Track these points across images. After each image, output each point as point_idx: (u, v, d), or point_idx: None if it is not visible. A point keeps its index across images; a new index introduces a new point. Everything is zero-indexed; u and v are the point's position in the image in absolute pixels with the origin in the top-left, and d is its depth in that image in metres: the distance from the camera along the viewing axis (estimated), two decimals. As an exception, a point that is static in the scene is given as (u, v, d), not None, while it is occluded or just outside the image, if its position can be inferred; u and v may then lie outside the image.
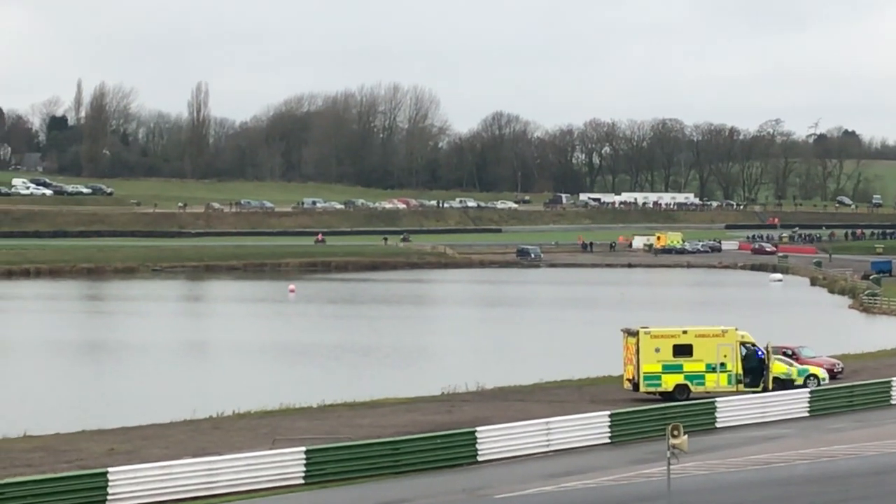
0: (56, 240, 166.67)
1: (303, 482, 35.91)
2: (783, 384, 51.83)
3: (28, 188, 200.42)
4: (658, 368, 50.73)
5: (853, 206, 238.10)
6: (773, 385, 51.17)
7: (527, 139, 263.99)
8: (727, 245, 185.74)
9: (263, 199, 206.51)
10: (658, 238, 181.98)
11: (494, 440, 39.43)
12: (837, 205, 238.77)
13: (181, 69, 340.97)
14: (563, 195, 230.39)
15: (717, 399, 46.32)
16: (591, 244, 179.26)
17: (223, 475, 34.93)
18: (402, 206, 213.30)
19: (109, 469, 33.97)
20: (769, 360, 51.65)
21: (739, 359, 51.19)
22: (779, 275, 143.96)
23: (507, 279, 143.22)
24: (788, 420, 46.42)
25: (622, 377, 52.68)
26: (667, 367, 50.73)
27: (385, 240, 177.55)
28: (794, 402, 47.73)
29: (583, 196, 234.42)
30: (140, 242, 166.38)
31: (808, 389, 49.68)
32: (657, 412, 43.34)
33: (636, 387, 51.16)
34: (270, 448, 38.69)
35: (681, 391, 50.57)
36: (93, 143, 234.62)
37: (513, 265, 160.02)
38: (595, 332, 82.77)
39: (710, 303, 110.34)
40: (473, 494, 34.19)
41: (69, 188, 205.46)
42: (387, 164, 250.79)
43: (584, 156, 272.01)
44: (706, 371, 50.95)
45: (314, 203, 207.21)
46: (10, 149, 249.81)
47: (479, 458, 38.81)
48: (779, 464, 36.77)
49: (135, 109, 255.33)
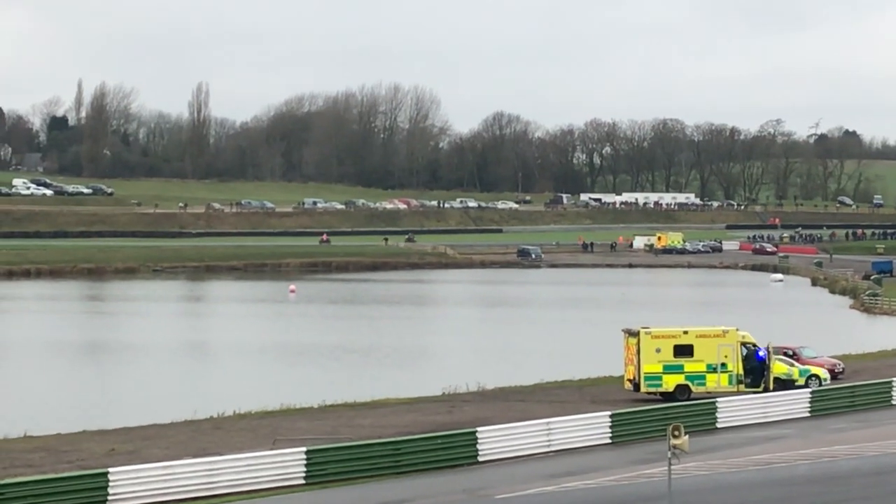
0: (57, 240, 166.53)
1: (304, 482, 35.93)
2: (784, 384, 51.83)
3: (29, 188, 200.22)
4: (659, 369, 50.73)
5: (854, 207, 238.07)
6: (774, 385, 51.17)
7: (527, 139, 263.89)
8: (728, 245, 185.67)
9: (264, 200, 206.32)
10: (659, 238, 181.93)
11: (495, 440, 39.44)
12: (838, 205, 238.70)
13: (182, 69, 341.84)
14: (564, 195, 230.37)
15: (718, 399, 46.32)
16: (592, 244, 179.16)
17: (224, 475, 34.96)
18: (403, 207, 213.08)
19: (110, 469, 33.99)
20: (770, 361, 51.65)
21: (740, 359, 51.21)
22: (780, 275, 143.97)
23: (508, 279, 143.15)
24: (789, 420, 46.43)
25: (623, 377, 52.69)
26: (668, 368, 50.73)
27: (386, 240, 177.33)
28: (795, 403, 47.74)
29: (583, 196, 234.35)
30: (141, 243, 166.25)
31: (810, 390, 49.68)
32: (658, 412, 43.35)
33: (637, 387, 51.16)
34: (271, 448, 38.71)
35: (682, 391, 50.58)
36: (93, 144, 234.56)
37: (513, 265, 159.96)
38: (596, 333, 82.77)
39: (711, 303, 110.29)
40: (474, 495, 34.17)
41: (70, 188, 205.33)
42: (387, 165, 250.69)
43: (585, 156, 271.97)
44: (707, 371, 50.95)
45: (315, 203, 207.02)
46: (11, 149, 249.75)
47: (480, 459, 38.81)
48: (780, 464, 36.76)
49: (135, 109, 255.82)
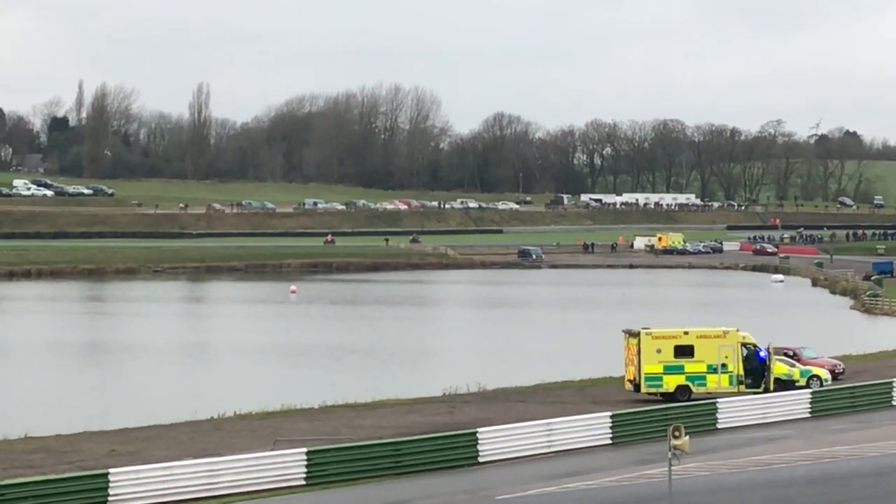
0: (57, 241, 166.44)
1: (304, 483, 35.93)
2: (784, 385, 51.83)
3: (29, 189, 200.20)
4: (659, 369, 50.73)
5: (854, 207, 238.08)
6: (775, 386, 51.16)
7: (528, 140, 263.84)
8: (728, 246, 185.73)
9: (265, 200, 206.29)
10: (659, 239, 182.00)
11: (496, 441, 39.42)
12: (839, 205, 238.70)
13: (182, 70, 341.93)
14: (565, 196, 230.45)
15: (719, 400, 46.30)
16: (593, 245, 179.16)
17: (224, 476, 34.96)
18: (404, 207, 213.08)
19: (110, 470, 34.00)
20: (771, 361, 51.65)
21: (741, 360, 51.21)
22: (780, 276, 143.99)
23: (509, 280, 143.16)
24: (790, 421, 46.41)
25: (623, 378, 52.70)
26: (668, 368, 50.73)
27: (386, 240, 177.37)
28: (796, 403, 47.72)
29: (584, 197, 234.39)
30: (141, 243, 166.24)
31: (810, 390, 49.67)
32: (658, 413, 43.35)
33: (637, 388, 51.16)
34: (272, 449, 38.70)
35: (682, 392, 50.58)
36: (94, 144, 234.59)
37: (514, 266, 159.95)
38: (596, 333, 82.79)
39: (712, 304, 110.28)
40: (475, 495, 34.16)
41: (70, 189, 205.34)
42: (388, 165, 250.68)
43: (586, 156, 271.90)
44: (707, 372, 50.95)
45: (315, 204, 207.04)
46: (12, 150, 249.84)
47: (481, 459, 38.81)
48: (780, 465, 36.76)
49: (136, 110, 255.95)
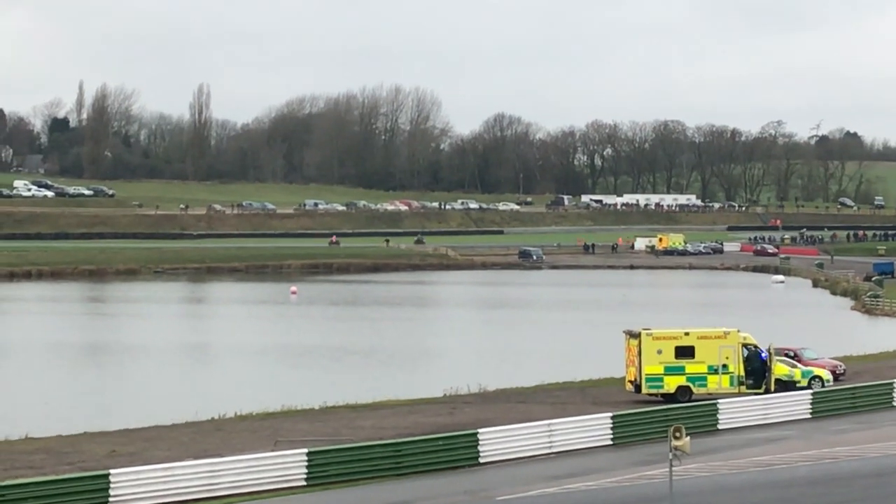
0: (58, 242, 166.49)
1: (305, 484, 35.92)
2: (785, 386, 51.81)
3: (30, 190, 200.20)
4: (660, 370, 50.70)
5: (855, 208, 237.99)
6: (775, 387, 51.13)
7: (528, 141, 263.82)
8: (729, 247, 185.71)
9: (265, 201, 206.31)
10: (660, 239, 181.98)
11: (496, 442, 39.41)
12: (839, 206, 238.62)
13: (183, 71, 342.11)
14: (565, 197, 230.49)
15: (719, 401, 46.27)
16: (593, 246, 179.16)
17: (225, 477, 34.95)
18: (404, 208, 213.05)
19: (111, 471, 34.00)
20: (771, 362, 51.63)
21: (741, 360, 51.19)
22: (781, 276, 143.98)
23: (509, 281, 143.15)
24: (790, 422, 46.38)
25: (624, 379, 52.68)
26: (669, 369, 50.70)
27: (387, 241, 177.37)
28: (797, 404, 47.68)
29: (585, 197, 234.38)
30: (142, 244, 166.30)
31: (811, 391, 49.64)
32: (659, 414, 43.34)
33: (638, 388, 51.13)
34: (272, 450, 38.70)
35: (683, 393, 50.54)
36: (94, 145, 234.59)
37: (515, 267, 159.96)
38: (597, 334, 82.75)
39: (713, 304, 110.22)
40: (476, 496, 34.15)
41: (71, 190, 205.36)
42: (388, 166, 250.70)
43: (586, 157, 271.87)
44: (708, 373, 50.92)
45: (316, 205, 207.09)
46: (12, 150, 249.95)
47: (481, 460, 38.79)
48: (781, 465, 36.75)
49: (136, 111, 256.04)
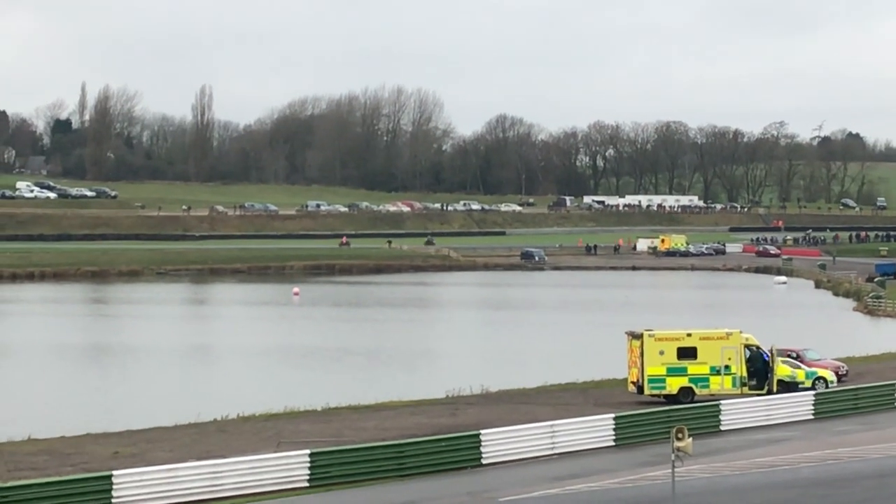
0: (60, 243, 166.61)
1: (307, 485, 35.94)
2: (787, 387, 51.80)
3: (32, 191, 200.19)
4: (662, 371, 50.72)
5: (857, 209, 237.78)
6: (778, 388, 51.13)
7: (531, 142, 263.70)
8: (731, 247, 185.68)
9: (267, 202, 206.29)
10: (662, 241, 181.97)
11: (499, 443, 39.42)
12: (841, 207, 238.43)
13: (185, 72, 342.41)
14: (567, 198, 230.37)
15: (722, 402, 46.26)
16: (596, 247, 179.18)
17: (228, 478, 34.98)
18: (407, 209, 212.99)
19: (114, 472, 34.02)
20: (774, 363, 51.63)
21: (744, 361, 51.18)
22: (783, 277, 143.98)
23: (511, 282, 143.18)
24: (793, 423, 46.38)
25: (626, 380, 52.70)
26: (671, 370, 50.72)
27: (389, 243, 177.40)
28: (799, 405, 47.66)
29: (587, 198, 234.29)
30: (144, 245, 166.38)
31: (813, 392, 49.62)
32: (662, 415, 43.35)
33: (640, 389, 51.15)
34: (275, 451, 38.73)
35: (685, 394, 50.57)
36: (97, 147, 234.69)
37: (517, 268, 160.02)
38: (599, 335, 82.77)
39: (715, 305, 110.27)
40: (478, 497, 34.15)
41: (73, 191, 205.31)
42: (391, 167, 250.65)
43: (588, 158, 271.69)
44: (710, 374, 50.94)
45: (318, 206, 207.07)
46: (15, 152, 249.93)
47: (484, 461, 38.80)
48: (783, 467, 36.76)
49: (139, 112, 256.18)
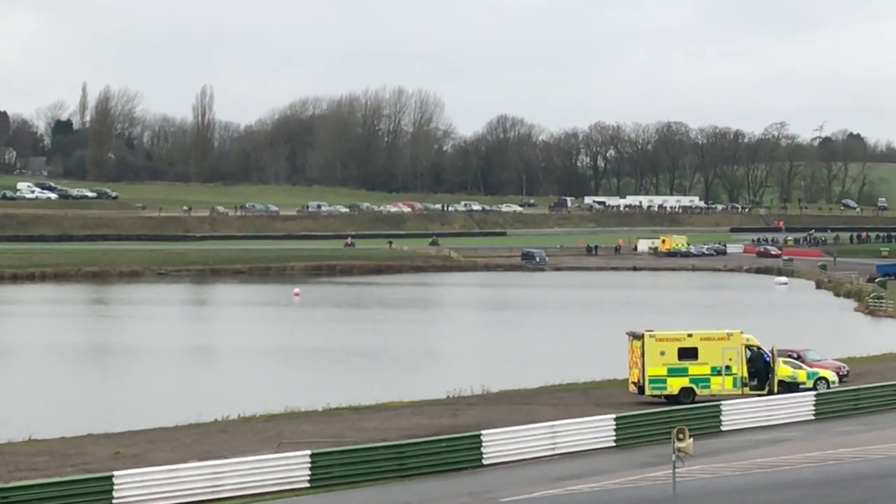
0: (61, 244, 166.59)
1: (308, 486, 35.94)
2: (788, 387, 51.79)
3: (33, 192, 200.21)
4: (663, 372, 50.72)
5: (858, 210, 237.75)
6: (779, 388, 51.11)
7: (532, 142, 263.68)
8: (732, 248, 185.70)
9: (268, 203, 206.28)
10: (663, 241, 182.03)
11: (500, 443, 39.42)
12: (842, 208, 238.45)
13: (186, 73, 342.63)
14: (568, 198, 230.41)
15: (723, 402, 46.25)
16: (596, 247, 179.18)
17: (229, 479, 34.99)
18: (407, 210, 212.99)
19: (115, 473, 34.04)
20: (775, 364, 51.62)
21: (745, 362, 51.18)
22: (784, 278, 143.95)
23: (512, 282, 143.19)
24: (794, 423, 46.36)
25: (627, 380, 52.70)
26: (672, 371, 50.72)
27: (390, 243, 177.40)
28: (800, 406, 47.65)
29: (588, 199, 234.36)
30: (145, 246, 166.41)
31: (814, 393, 49.60)
32: (662, 415, 43.35)
33: (641, 390, 51.15)
34: (276, 451, 38.74)
35: (686, 394, 50.57)
36: (98, 147, 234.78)
37: (518, 268, 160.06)
38: (600, 336, 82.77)
39: (716, 306, 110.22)
40: (479, 498, 34.15)
41: (74, 192, 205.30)
42: (391, 168, 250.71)
43: (589, 159, 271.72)
44: (711, 374, 50.94)
45: (319, 207, 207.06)
46: (15, 153, 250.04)
47: (485, 462, 38.80)
48: (784, 467, 36.74)
49: (140, 113, 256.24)
